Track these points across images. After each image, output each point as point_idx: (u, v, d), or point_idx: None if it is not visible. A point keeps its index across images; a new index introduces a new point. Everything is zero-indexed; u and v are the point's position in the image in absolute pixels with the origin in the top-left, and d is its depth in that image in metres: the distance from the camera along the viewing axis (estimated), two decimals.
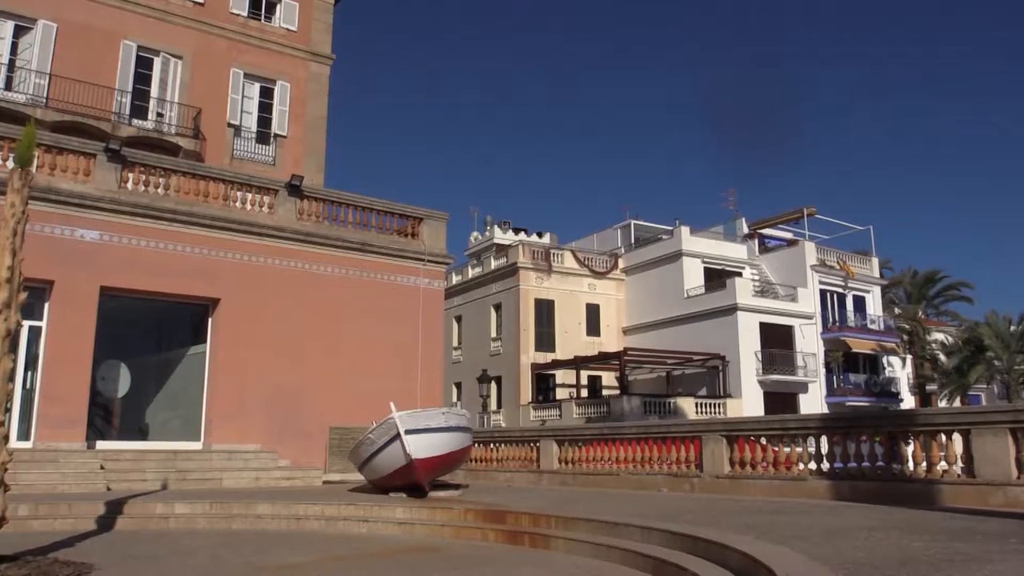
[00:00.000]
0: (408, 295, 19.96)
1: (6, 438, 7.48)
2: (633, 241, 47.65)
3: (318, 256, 18.84)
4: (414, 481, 12.55)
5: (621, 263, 45.40)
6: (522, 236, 49.60)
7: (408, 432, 12.24)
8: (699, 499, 11.92)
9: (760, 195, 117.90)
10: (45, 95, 21.73)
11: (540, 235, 50.99)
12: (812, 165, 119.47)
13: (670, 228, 45.70)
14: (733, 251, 44.93)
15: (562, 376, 41.25)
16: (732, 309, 39.08)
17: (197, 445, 17.12)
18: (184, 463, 15.58)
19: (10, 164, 12.19)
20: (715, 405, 37.16)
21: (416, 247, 20.47)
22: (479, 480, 17.44)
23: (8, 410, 7.57)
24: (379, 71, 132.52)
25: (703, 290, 41.60)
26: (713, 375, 39.39)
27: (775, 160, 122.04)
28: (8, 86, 21.69)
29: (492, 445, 18.55)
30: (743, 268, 43.93)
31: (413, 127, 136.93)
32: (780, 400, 38.04)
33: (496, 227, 51.71)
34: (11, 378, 7.59)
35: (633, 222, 49.03)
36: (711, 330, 39.55)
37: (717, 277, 41.91)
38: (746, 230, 47.60)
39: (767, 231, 48.76)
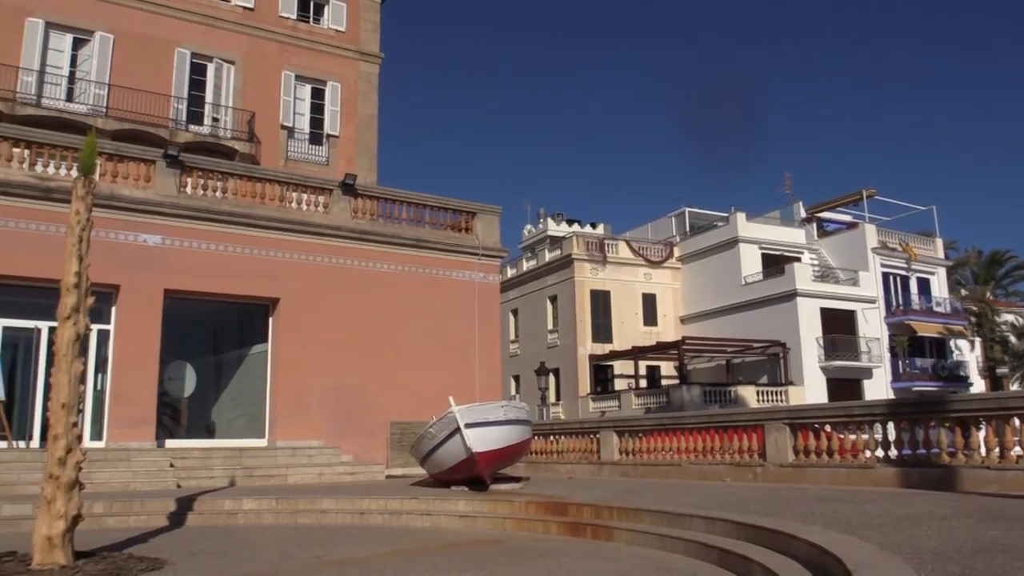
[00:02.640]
0: (464, 289, 20.03)
1: (79, 438, 7.71)
2: (688, 229, 47.09)
3: (373, 253, 19.02)
4: (475, 474, 12.59)
5: (676, 251, 44.91)
6: (576, 227, 49.38)
7: (468, 426, 12.28)
8: (763, 488, 11.72)
9: (817, 179, 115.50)
10: (105, 104, 22.36)
11: (594, 226, 50.72)
12: (869, 148, 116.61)
13: (725, 215, 45.04)
14: (791, 236, 44.09)
15: (620, 367, 41.02)
16: (791, 295, 38.37)
17: (262, 442, 17.46)
18: (250, 460, 15.90)
19: (74, 173, 12.57)
20: (777, 393, 36.56)
21: (470, 242, 20.52)
22: (540, 472, 17.43)
23: (80, 411, 7.80)
24: (427, 67, 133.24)
25: (761, 276, 40.93)
26: (774, 363, 38.75)
27: (831, 143, 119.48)
28: (69, 97, 22.38)
29: (552, 437, 18.52)
30: (802, 253, 43.08)
31: (463, 122, 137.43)
32: (844, 386, 37.23)
33: (549, 219, 51.57)
34: (82, 380, 7.82)
35: (687, 210, 48.46)
36: (770, 317, 38.90)
37: (775, 263, 41.17)
38: (803, 214, 46.61)
39: (825, 215, 47.68)
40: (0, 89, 21.00)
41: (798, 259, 41.69)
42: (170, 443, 16.44)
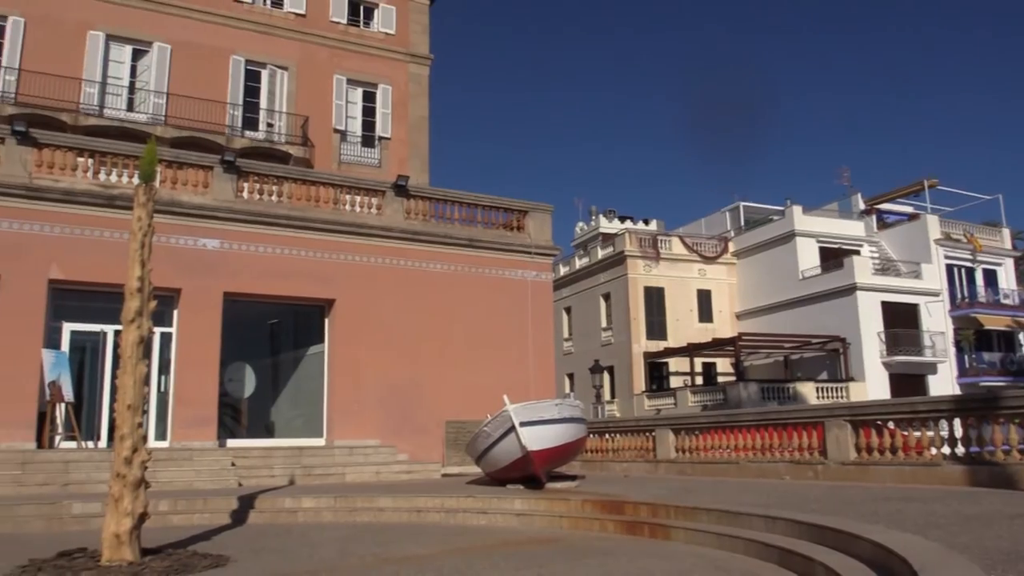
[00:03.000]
0: (517, 288, 20.04)
1: (145, 438, 7.92)
2: (743, 224, 46.42)
3: (426, 254, 19.16)
4: (530, 473, 12.59)
5: (731, 247, 44.31)
6: (628, 224, 49.06)
7: (523, 424, 12.29)
8: (824, 487, 11.49)
9: (874, 171, 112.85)
10: (164, 113, 22.94)
11: (646, 222, 50.31)
12: (927, 138, 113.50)
13: (781, 208, 44.27)
14: (849, 229, 43.14)
15: (675, 364, 40.63)
16: (851, 289, 37.55)
17: (320, 441, 17.72)
18: (308, 459, 16.14)
19: (136, 180, 12.94)
20: (837, 389, 35.82)
21: (522, 240, 20.53)
22: (595, 471, 17.36)
23: (145, 412, 8.01)
24: (475, 67, 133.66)
25: (819, 270, 40.14)
26: (834, 358, 37.97)
27: (887, 134, 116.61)
28: (130, 107, 23.04)
29: (607, 435, 18.44)
30: (861, 246, 42.13)
31: (512, 121, 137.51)
32: (907, 382, 36.29)
33: (601, 216, 51.30)
34: (146, 382, 8.03)
35: (742, 204, 47.77)
36: (829, 312, 38.13)
37: (833, 256, 40.33)
38: (862, 206, 45.53)
39: (885, 206, 46.52)
40: (65, 101, 21.71)
41: (857, 252, 40.78)
42: (231, 443, 16.79)
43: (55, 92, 21.61)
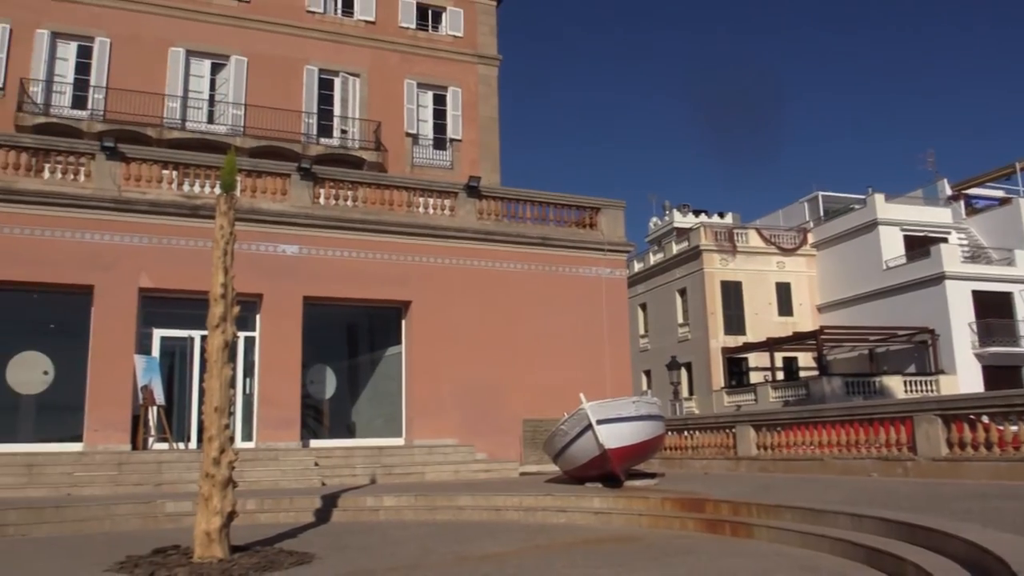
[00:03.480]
0: (591, 286, 19.97)
1: (232, 439, 8.17)
2: (822, 214, 45.19)
3: (500, 253, 19.24)
4: (608, 471, 12.52)
5: (810, 238, 43.20)
6: (703, 218, 48.34)
7: (600, 422, 12.23)
8: (914, 484, 11.10)
9: (960, 157, 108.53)
10: (242, 124, 23.68)
11: (721, 216, 49.48)
12: (1012, 122, 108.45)
13: (862, 197, 42.92)
14: (935, 216, 41.55)
15: (755, 359, 39.84)
16: (939, 278, 36.17)
17: (400, 441, 17.99)
18: (389, 458, 16.40)
19: (217, 190, 13.36)
20: (926, 383, 34.57)
21: (595, 237, 20.44)
22: (674, 468, 17.17)
23: (232, 414, 8.27)
24: (544, 66, 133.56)
25: (904, 260, 38.78)
26: (922, 351, 36.65)
27: (974, 117, 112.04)
28: (210, 119, 23.86)
29: (686, 432, 18.20)
30: (948, 233, 40.55)
31: (582, 118, 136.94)
32: (1002, 374, 34.72)
33: (675, 211, 50.64)
34: (232, 384, 8.29)
35: (820, 194, 46.50)
36: (916, 302, 36.81)
37: (919, 245, 38.89)
38: (949, 192, 43.79)
39: (973, 191, 44.62)
40: (149, 116, 22.59)
41: (945, 240, 39.26)
42: (314, 443, 17.20)
43: (140, 108, 22.51)
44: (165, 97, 23.20)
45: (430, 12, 27.32)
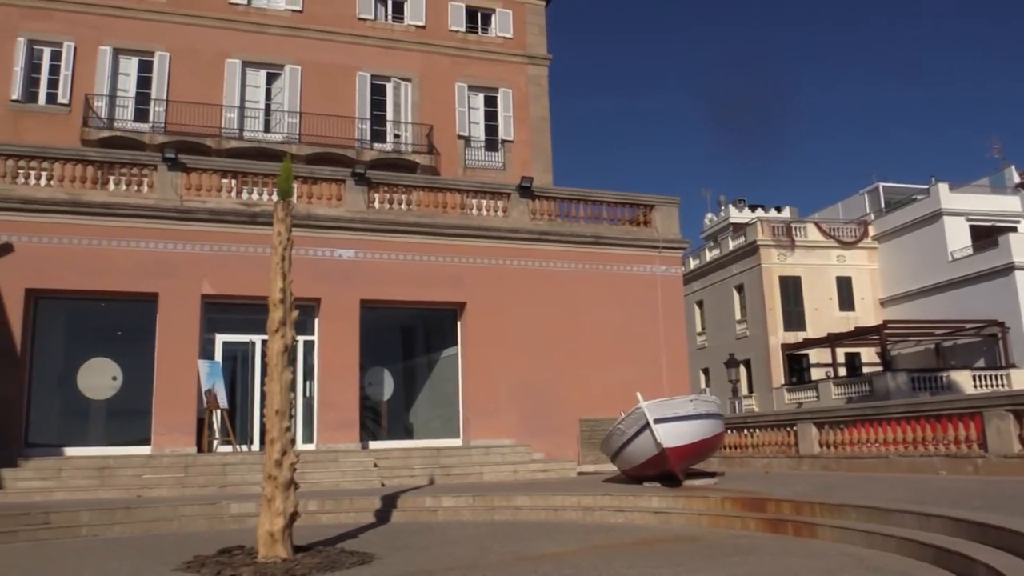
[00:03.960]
0: (645, 283, 19.83)
1: (293, 442, 8.32)
2: (883, 205, 44.10)
3: (553, 253, 19.23)
4: (667, 470, 12.42)
5: (871, 230, 42.16)
6: (759, 213, 47.56)
7: (657, 421, 12.14)
8: (984, 482, 10.77)
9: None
10: (297, 132, 24.13)
11: (779, 210, 48.62)
12: None
13: (925, 187, 41.76)
14: (1004, 204, 40.18)
15: (816, 355, 39.08)
16: (1008, 269, 34.96)
17: (457, 442, 18.10)
18: (447, 459, 16.51)
19: (275, 197, 13.63)
20: (996, 377, 33.45)
21: (649, 235, 20.29)
22: (734, 467, 16.94)
23: (292, 416, 8.41)
24: (594, 64, 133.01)
25: (971, 251, 37.57)
26: (991, 344, 35.49)
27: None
28: (266, 128, 24.38)
29: (745, 431, 17.95)
30: (1018, 222, 39.19)
31: (633, 115, 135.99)
32: None
33: (731, 206, 49.96)
34: (292, 388, 8.45)
35: (881, 185, 45.40)
36: (984, 294, 35.63)
37: (986, 235, 37.63)
38: (1017, 179, 42.28)
39: None
40: (208, 127, 23.15)
41: (1014, 229, 37.93)
42: (373, 444, 17.41)
43: (199, 119, 23.09)
44: (223, 108, 23.75)
45: (479, 14, 27.44)
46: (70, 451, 15.47)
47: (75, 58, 23.03)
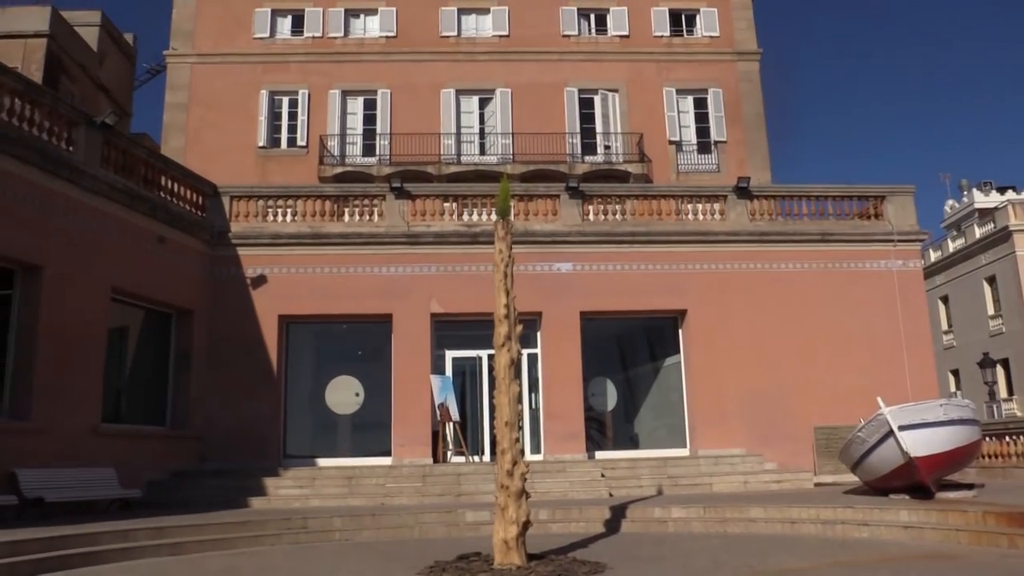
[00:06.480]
0: (879, 280, 18.50)
1: (522, 452, 8.58)
2: None
3: (776, 254, 18.43)
4: (916, 481, 11.51)
5: None
6: (1010, 195, 42.91)
7: (902, 428, 11.32)
8: None
9: None
10: (511, 152, 24.95)
11: None
12: None
13: None
14: None
15: None
16: None
17: (684, 451, 17.78)
18: (674, 469, 16.27)
19: (493, 217, 14.17)
20: None
21: (882, 228, 18.92)
22: (995, 478, 15.37)
23: (520, 428, 8.68)
24: (805, 50, 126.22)
25: None
26: None
27: None
28: (482, 151, 25.44)
29: (1007, 438, 16.26)
30: None
31: (851, 100, 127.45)
32: None
33: (975, 190, 45.49)
34: (519, 400, 8.72)
35: None
36: None
37: None
38: None
39: None
40: (428, 155, 24.55)
41: None
42: (599, 455, 17.50)
43: (419, 148, 24.58)
44: (440, 135, 25.08)
45: (683, 16, 27.02)
46: (322, 462, 16.89)
47: (310, 104, 25.30)
